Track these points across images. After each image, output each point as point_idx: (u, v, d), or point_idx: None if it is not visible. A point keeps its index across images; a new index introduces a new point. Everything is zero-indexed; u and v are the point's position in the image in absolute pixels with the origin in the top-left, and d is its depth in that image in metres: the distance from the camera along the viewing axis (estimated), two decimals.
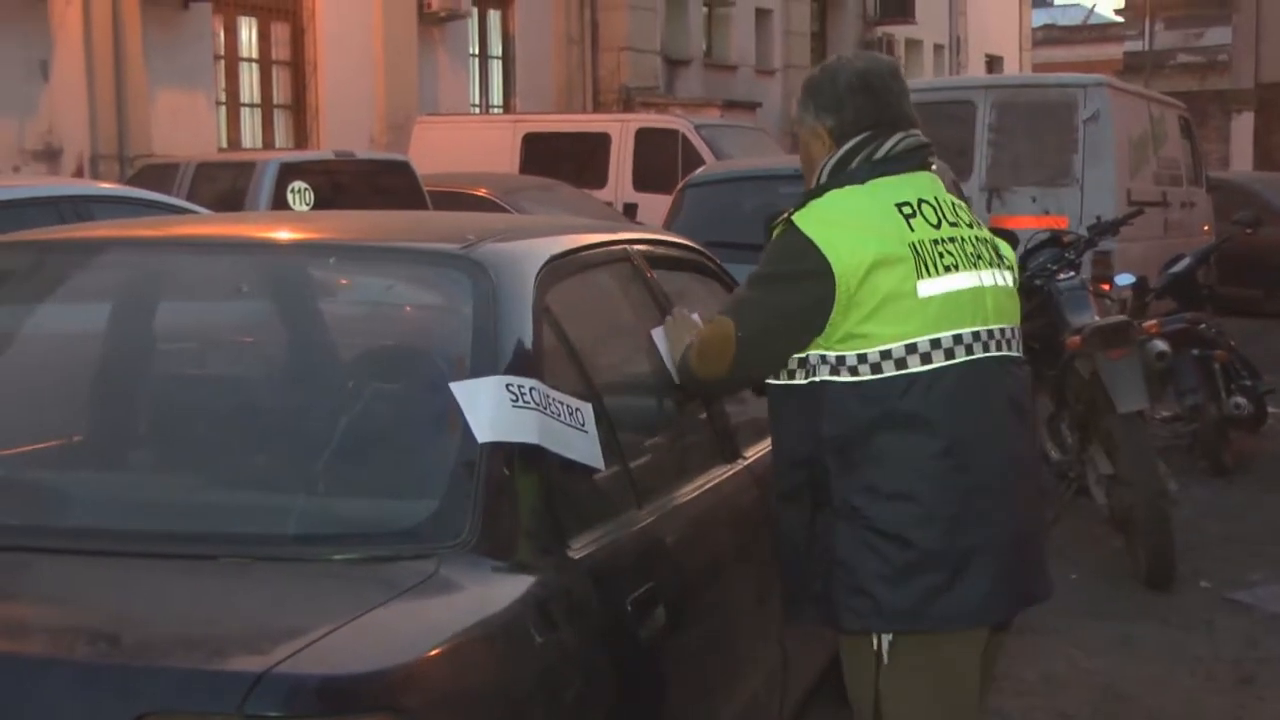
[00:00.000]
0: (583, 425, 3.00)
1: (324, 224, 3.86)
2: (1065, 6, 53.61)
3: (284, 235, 3.57)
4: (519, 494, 2.78)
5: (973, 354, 3.16)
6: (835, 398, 3.12)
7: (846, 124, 3.26)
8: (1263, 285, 16.21)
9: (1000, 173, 12.06)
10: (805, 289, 3.12)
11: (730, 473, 3.77)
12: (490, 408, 2.79)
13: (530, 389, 2.86)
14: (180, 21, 16.90)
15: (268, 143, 18.62)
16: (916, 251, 3.13)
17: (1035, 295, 7.95)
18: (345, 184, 13.00)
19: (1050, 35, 45.37)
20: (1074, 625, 6.27)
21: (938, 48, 33.88)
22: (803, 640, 4.10)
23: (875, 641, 3.15)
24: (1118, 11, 38.76)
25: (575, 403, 3.01)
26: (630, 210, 15.70)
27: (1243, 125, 24.99)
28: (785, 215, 3.24)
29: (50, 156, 16.00)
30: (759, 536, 3.80)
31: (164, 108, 16.85)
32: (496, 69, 22.62)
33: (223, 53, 18.11)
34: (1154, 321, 7.36)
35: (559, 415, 2.93)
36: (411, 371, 3.15)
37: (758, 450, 4.01)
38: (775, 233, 3.26)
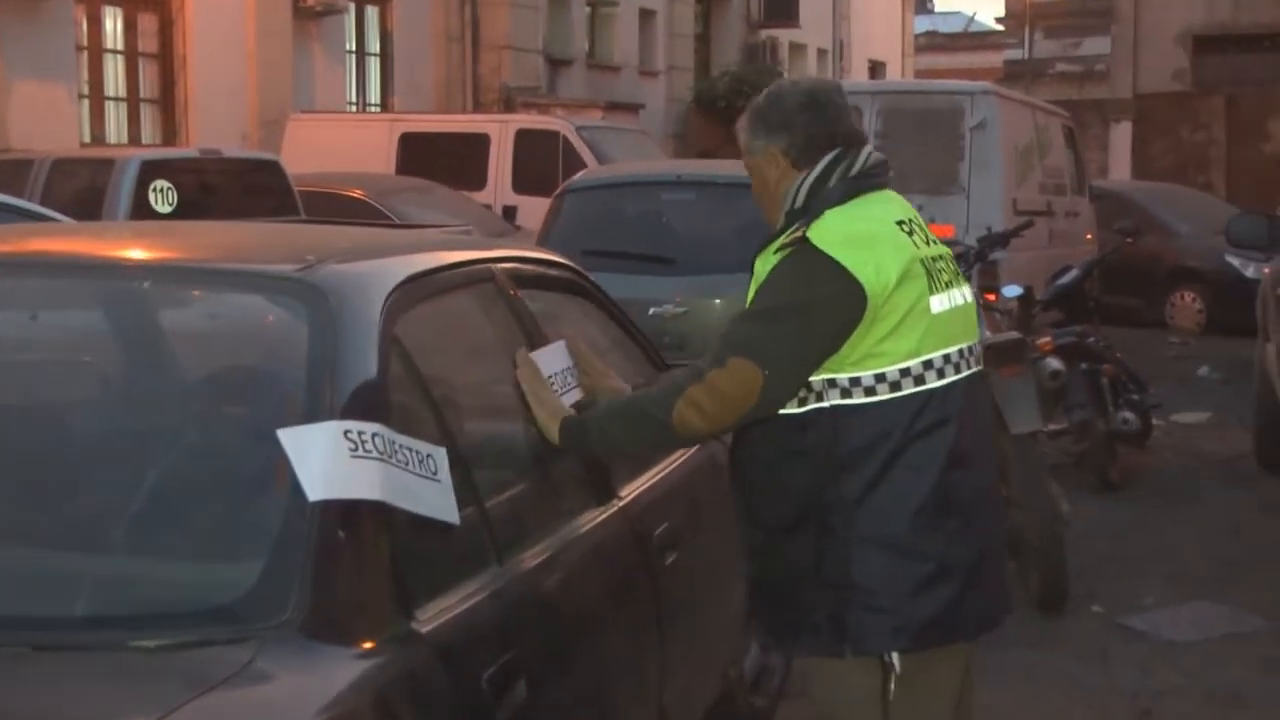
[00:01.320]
0: (435, 474, 2.64)
1: (144, 239, 3.43)
2: (946, 14, 54.04)
3: (93, 253, 3.14)
4: (356, 561, 2.40)
5: (967, 369, 3.19)
6: (849, 421, 3.07)
7: (798, 142, 3.18)
8: (1143, 295, 16.19)
9: None
10: (836, 312, 3.04)
11: (603, 516, 3.41)
12: (324, 459, 2.41)
13: (373, 435, 2.49)
14: (39, 10, 16.19)
15: (134, 138, 17.95)
16: (925, 267, 3.12)
17: None
18: (212, 183, 12.50)
19: (932, 42, 45.54)
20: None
21: (821, 52, 33.79)
22: (683, 697, 3.77)
23: (886, 661, 3.11)
24: (998, 20, 39.08)
25: (427, 448, 2.64)
26: (509, 213, 15.34)
27: (1121, 134, 25.10)
28: (793, 238, 3.09)
29: None
30: (636, 586, 3.46)
31: (21, 100, 16.14)
32: (374, 66, 22.08)
33: (85, 43, 17.42)
34: (1047, 339, 7.14)
35: (407, 464, 2.56)
36: (233, 417, 2.75)
37: (635, 487, 3.67)
38: (781, 257, 3.11)
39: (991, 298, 10.26)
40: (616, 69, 26.24)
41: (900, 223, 3.16)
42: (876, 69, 36.47)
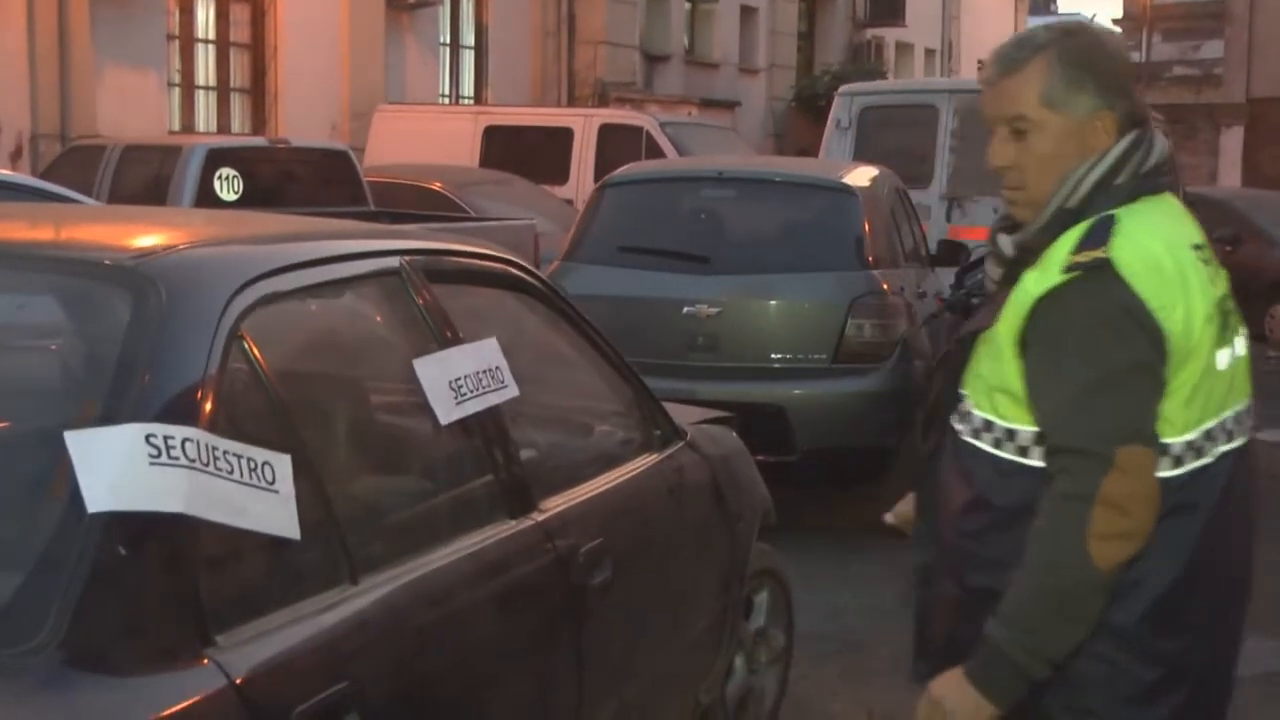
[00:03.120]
0: (271, 483, 2.40)
1: None
2: (1067, 15, 53.03)
3: None
4: (138, 580, 2.17)
5: (1241, 436, 2.56)
6: None
7: (1126, 116, 2.51)
8: (1241, 306, 15.53)
9: (962, 181, 11.49)
10: (1156, 367, 2.41)
11: (512, 530, 3.15)
12: (115, 466, 2.18)
13: (184, 441, 2.26)
14: None
15: (223, 127, 18.04)
16: (1220, 310, 2.50)
17: (971, 314, 7.36)
18: (279, 173, 12.46)
19: None
20: None
21: (929, 52, 33.26)
22: None
23: None
24: (1116, 22, 38.19)
25: (263, 455, 2.40)
26: None
27: (1232, 139, 24.40)
28: (1091, 258, 2.40)
29: None
30: (547, 609, 3.19)
31: (112, 88, 16.26)
32: (469, 59, 22.03)
33: (177, 33, 17.52)
34: None
35: (232, 473, 2.33)
36: (18, 417, 2.53)
37: (562, 500, 3.41)
38: (1070, 282, 2.41)
39: None
40: (715, 66, 25.97)
41: (1197, 248, 2.51)
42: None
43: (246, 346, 2.53)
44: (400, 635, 2.65)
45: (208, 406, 2.37)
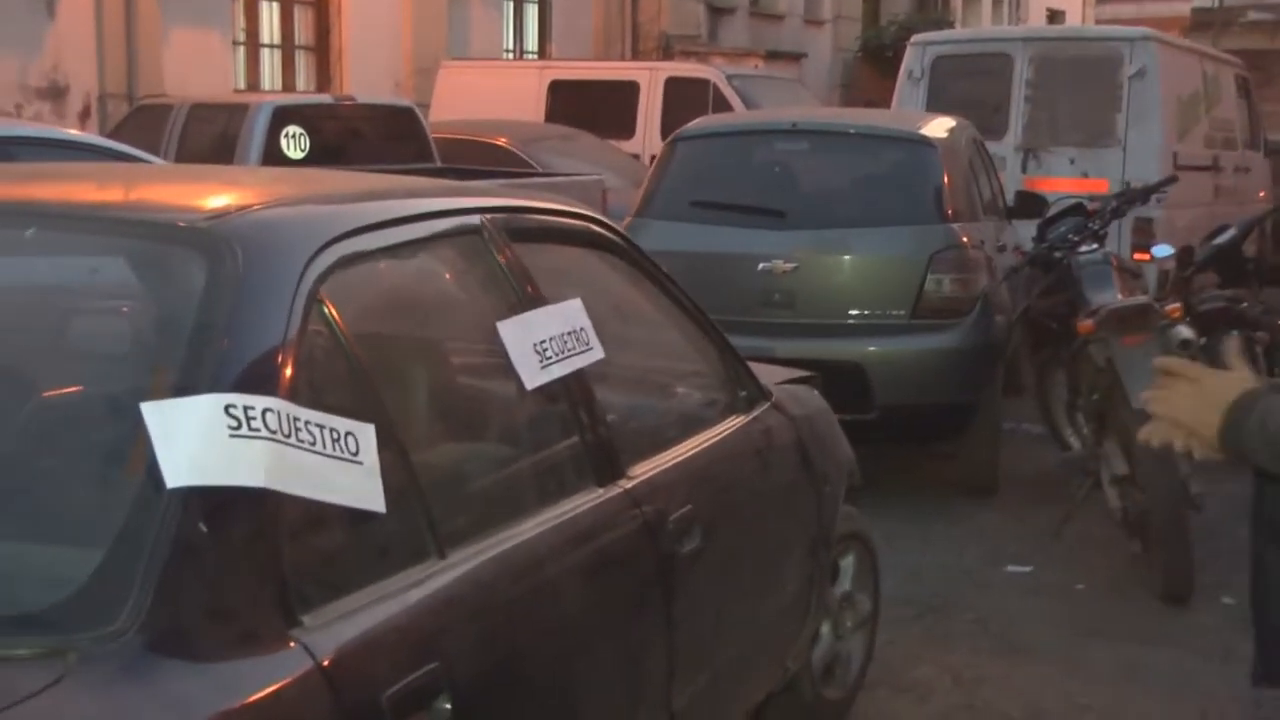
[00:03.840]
0: (355, 454, 2.29)
1: (41, 181, 3.04)
2: None
3: None
4: (221, 559, 2.06)
5: None
6: None
7: None
8: None
9: (1037, 132, 11.25)
10: None
11: (602, 499, 3.04)
12: (194, 439, 2.07)
13: (264, 411, 2.15)
14: None
15: (288, 85, 17.97)
16: None
17: (1054, 269, 7.19)
18: (346, 130, 12.38)
19: None
20: (1074, 647, 5.53)
21: (996, 1, 32.73)
22: (705, 699, 3.39)
23: None
24: None
25: (346, 425, 2.29)
26: None
27: None
28: None
29: (55, 95, 15.43)
30: (639, 579, 3.08)
31: (177, 46, 16.23)
32: (532, 14, 21.84)
33: None
34: (1176, 305, 6.57)
35: (314, 444, 2.22)
36: (93, 387, 2.43)
37: (650, 467, 3.28)
38: None
39: (1144, 257, 9.66)
40: (780, 18, 25.64)
41: None
42: (1055, 17, 35.19)
43: (326, 310, 2.41)
44: (490, 611, 2.54)
45: (288, 375, 2.26)
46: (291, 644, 2.09)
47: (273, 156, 11.39)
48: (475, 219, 3.00)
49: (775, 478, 4.02)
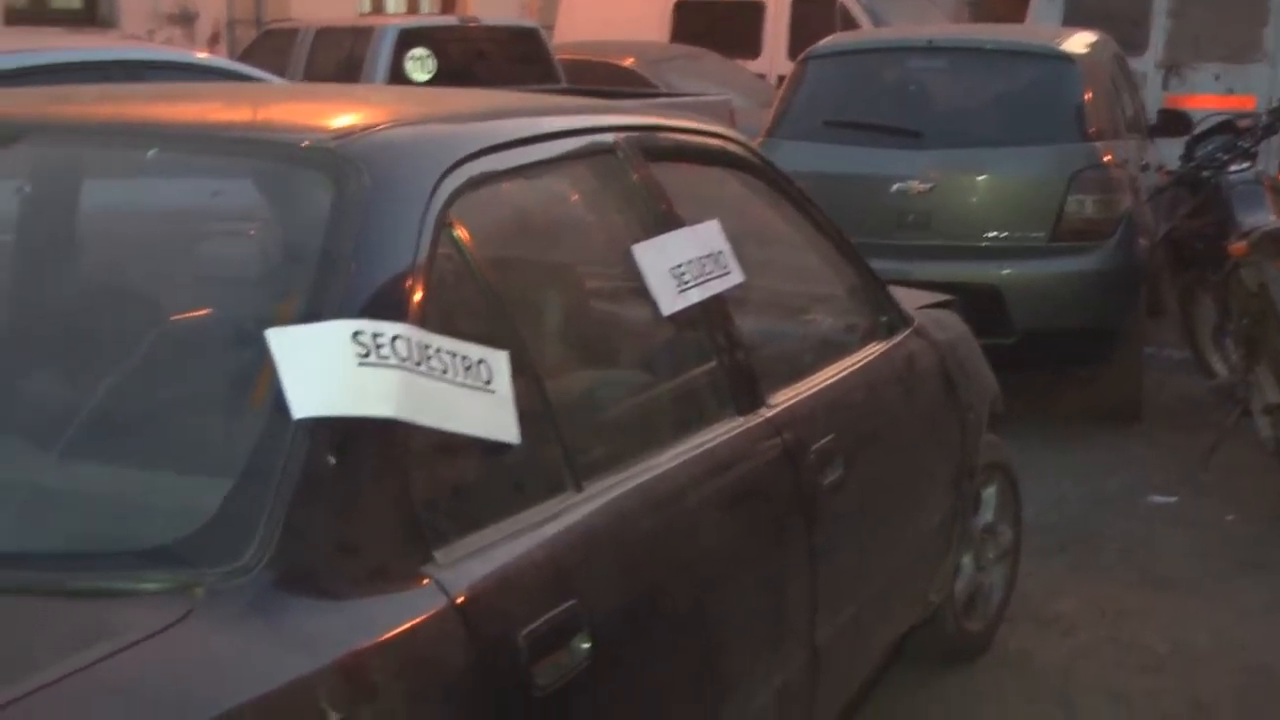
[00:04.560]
0: (488, 383, 2.19)
1: (167, 102, 2.94)
2: None
3: (94, 114, 2.71)
4: (350, 492, 1.97)
5: None
6: None
7: None
8: None
9: (1180, 47, 10.87)
10: None
11: (743, 428, 2.91)
12: (321, 367, 1.98)
13: (393, 338, 2.05)
14: None
15: (412, 8, 17.91)
16: None
17: (1202, 189, 6.90)
18: (471, 52, 12.30)
19: None
20: (1224, 580, 5.33)
21: None
22: (847, 633, 3.28)
23: None
24: None
25: (478, 352, 2.19)
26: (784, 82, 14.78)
27: None
28: None
29: (185, 21, 15.53)
30: (781, 511, 2.96)
31: None
32: None
33: None
34: None
35: (445, 372, 2.12)
36: (216, 312, 2.34)
37: (792, 394, 3.16)
38: None
39: None
40: None
41: None
42: None
43: (456, 233, 2.31)
44: (628, 545, 2.44)
45: (417, 300, 2.16)
46: (424, 580, 2.00)
47: (397, 80, 11.35)
48: (609, 138, 2.88)
49: (918, 406, 3.87)
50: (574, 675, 2.16)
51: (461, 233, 2.31)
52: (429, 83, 11.49)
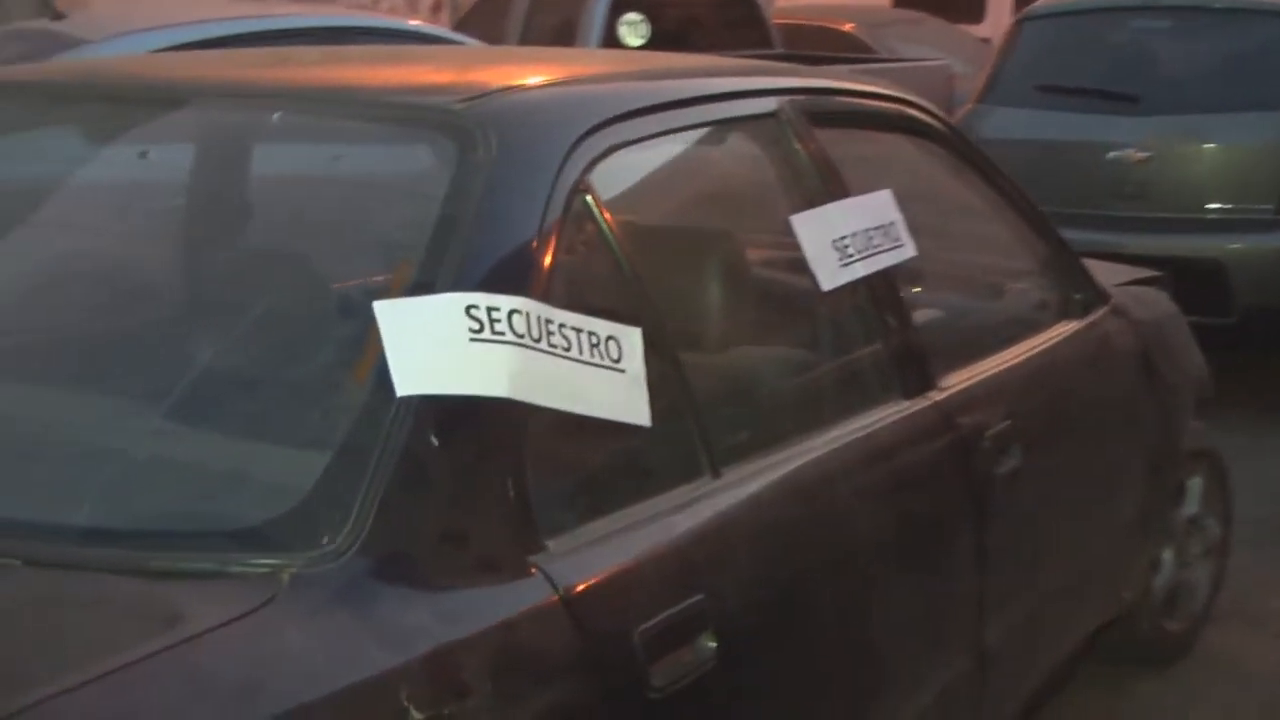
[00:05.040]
0: (617, 361, 2.05)
1: (297, 64, 2.84)
2: None
3: (211, 78, 2.63)
4: (454, 475, 1.86)
5: None
6: None
7: None
8: None
9: None
10: None
11: (907, 412, 2.73)
12: (431, 341, 1.87)
13: (510, 313, 1.92)
14: None
15: None
16: None
17: None
18: (684, 17, 12.17)
19: None
20: None
21: None
22: (1023, 634, 3.08)
23: None
24: None
25: (608, 328, 2.05)
26: None
27: None
28: None
29: None
30: (948, 502, 2.77)
31: None
32: None
33: None
34: None
35: (569, 349, 1.99)
36: (323, 280, 2.24)
37: (966, 376, 2.96)
38: None
39: None
40: None
41: None
42: None
43: (590, 202, 2.17)
44: (769, 537, 2.28)
45: (542, 272, 2.03)
46: (532, 570, 1.88)
47: (611, 44, 11.28)
48: (771, 102, 2.71)
49: (1112, 390, 3.63)
50: (697, 676, 2.02)
51: (596, 202, 2.18)
52: (642, 48, 11.41)
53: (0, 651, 1.60)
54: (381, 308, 1.88)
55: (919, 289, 2.98)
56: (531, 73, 2.41)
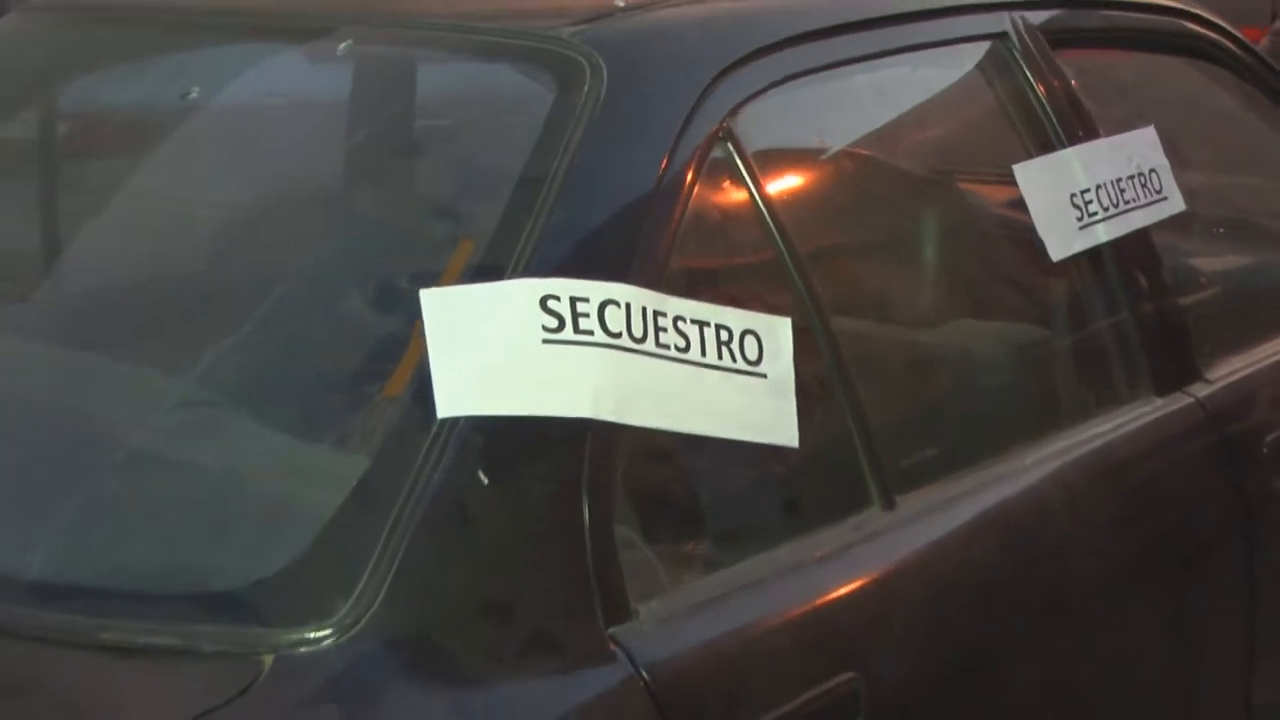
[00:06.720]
0: (755, 363, 1.58)
1: None
2: None
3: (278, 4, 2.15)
4: (508, 527, 1.41)
5: None
6: None
7: None
8: None
9: None
10: None
11: (1159, 413, 2.17)
12: (490, 345, 1.42)
13: (603, 305, 1.46)
14: None
15: None
16: None
17: None
18: None
19: None
20: None
21: None
22: None
23: None
24: None
25: (744, 320, 1.57)
26: None
27: None
28: None
29: None
30: (1206, 529, 2.21)
31: None
32: None
33: None
34: None
35: (687, 350, 1.52)
36: (362, 262, 1.77)
37: (1243, 366, 2.38)
38: None
39: None
40: None
41: None
42: None
43: (734, 153, 1.69)
44: (957, 591, 1.76)
45: (655, 251, 1.56)
46: (610, 647, 1.42)
47: None
48: (1001, 19, 2.17)
49: None
50: None
51: (740, 155, 1.70)
52: None
53: None
54: (429, 297, 1.43)
55: (1186, 255, 2.41)
56: None
